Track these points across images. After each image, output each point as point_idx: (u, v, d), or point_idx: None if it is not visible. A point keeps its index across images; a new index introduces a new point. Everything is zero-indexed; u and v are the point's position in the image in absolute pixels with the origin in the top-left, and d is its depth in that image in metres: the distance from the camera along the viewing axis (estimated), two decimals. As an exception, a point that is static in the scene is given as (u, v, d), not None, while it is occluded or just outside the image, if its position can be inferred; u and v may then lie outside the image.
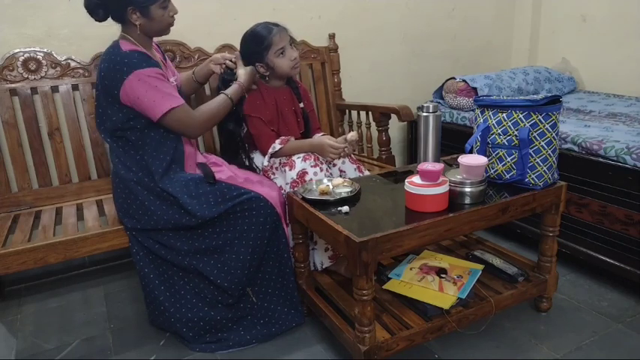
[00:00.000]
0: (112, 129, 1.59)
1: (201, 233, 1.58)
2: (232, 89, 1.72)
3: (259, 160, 1.88)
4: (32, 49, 1.93)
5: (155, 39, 1.72)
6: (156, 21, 1.59)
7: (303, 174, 1.70)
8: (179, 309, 1.60)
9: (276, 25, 1.83)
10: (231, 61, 1.86)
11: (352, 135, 1.79)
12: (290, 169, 1.72)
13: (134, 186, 1.60)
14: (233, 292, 1.58)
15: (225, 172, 1.76)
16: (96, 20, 1.58)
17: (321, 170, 1.71)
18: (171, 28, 2.13)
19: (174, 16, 1.64)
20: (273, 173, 1.82)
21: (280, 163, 1.80)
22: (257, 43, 1.80)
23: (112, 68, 1.52)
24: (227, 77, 1.84)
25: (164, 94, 1.54)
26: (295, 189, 1.65)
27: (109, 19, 1.59)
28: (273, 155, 1.82)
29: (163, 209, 1.58)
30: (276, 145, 1.80)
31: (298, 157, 1.73)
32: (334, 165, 1.86)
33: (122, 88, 1.51)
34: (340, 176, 1.83)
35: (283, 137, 1.83)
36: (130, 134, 1.59)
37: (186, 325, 1.60)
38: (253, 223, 1.57)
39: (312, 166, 1.70)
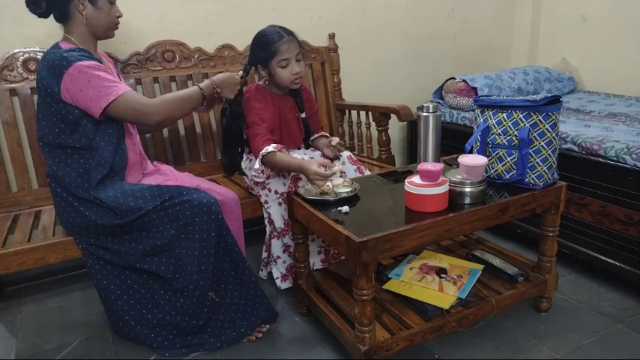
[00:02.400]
0: (52, 137, 1.51)
1: (139, 234, 1.52)
2: (204, 82, 1.64)
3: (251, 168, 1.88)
4: (32, 49, 1.93)
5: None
6: (103, 13, 1.54)
7: (296, 179, 1.73)
8: (145, 315, 1.58)
9: (290, 33, 1.77)
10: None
11: (335, 140, 1.84)
12: (288, 174, 1.74)
13: (74, 189, 1.54)
14: (192, 293, 1.51)
15: (171, 181, 1.70)
16: (38, 16, 1.52)
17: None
18: (171, 28, 2.17)
19: (119, 19, 1.60)
20: (267, 177, 1.78)
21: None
22: (264, 47, 1.76)
23: (51, 65, 1.45)
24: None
25: (110, 83, 1.46)
26: (296, 189, 1.65)
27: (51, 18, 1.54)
28: (264, 160, 1.71)
29: (99, 215, 1.53)
30: (269, 148, 1.70)
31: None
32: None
33: (62, 82, 1.43)
34: (340, 177, 1.83)
35: (278, 145, 1.74)
36: (71, 142, 1.51)
37: (154, 331, 1.57)
38: (196, 214, 1.49)
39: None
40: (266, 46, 1.75)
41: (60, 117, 1.49)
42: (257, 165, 1.73)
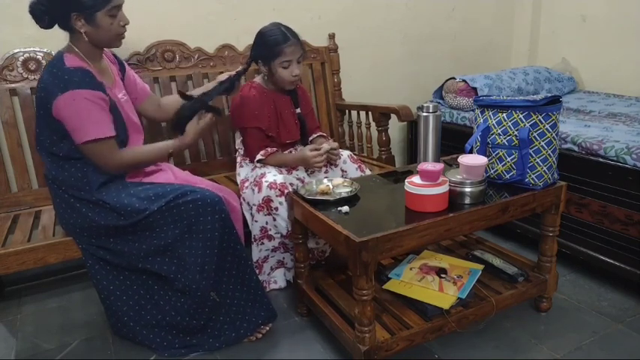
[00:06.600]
0: (47, 144, 1.52)
1: (142, 234, 1.52)
2: (174, 144, 1.63)
3: (246, 170, 1.91)
4: (32, 49, 1.93)
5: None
6: (102, 29, 1.49)
7: (267, 200, 1.71)
8: (144, 316, 1.57)
9: (295, 35, 1.80)
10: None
11: (331, 144, 1.85)
12: (259, 192, 1.73)
13: (76, 192, 1.54)
14: (194, 293, 1.51)
15: (170, 178, 1.70)
16: (41, 27, 1.50)
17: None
18: (171, 28, 2.17)
19: (126, 26, 1.56)
20: (247, 187, 1.82)
21: (254, 180, 1.80)
22: (268, 46, 1.78)
23: (50, 82, 1.45)
24: (235, 79, 1.87)
25: (95, 121, 1.46)
26: (296, 189, 1.65)
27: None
28: (259, 162, 1.86)
29: (102, 216, 1.53)
30: (258, 156, 1.83)
31: (266, 181, 1.72)
32: (336, 165, 1.88)
33: (55, 102, 1.43)
34: (342, 176, 1.84)
35: (268, 149, 1.85)
36: (62, 153, 1.52)
37: (153, 332, 1.57)
38: (201, 214, 1.49)
39: (277, 196, 1.69)
40: (271, 45, 1.78)
41: (52, 128, 1.50)
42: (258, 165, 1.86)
